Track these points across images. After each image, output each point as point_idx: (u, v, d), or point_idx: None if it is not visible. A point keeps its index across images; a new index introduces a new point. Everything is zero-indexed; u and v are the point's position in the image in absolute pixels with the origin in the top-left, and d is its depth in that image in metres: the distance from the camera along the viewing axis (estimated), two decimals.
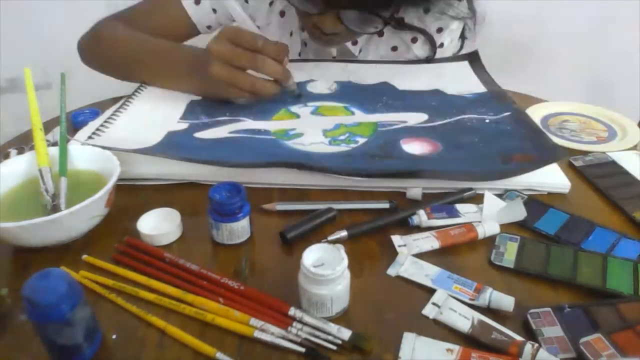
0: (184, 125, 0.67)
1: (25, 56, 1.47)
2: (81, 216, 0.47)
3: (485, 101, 0.73)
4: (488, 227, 0.50)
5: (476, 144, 0.62)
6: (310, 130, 0.66)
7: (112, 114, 0.68)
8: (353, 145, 0.63)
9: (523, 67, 1.62)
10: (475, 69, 0.85)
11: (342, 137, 0.65)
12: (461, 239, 0.49)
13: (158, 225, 0.50)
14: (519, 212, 0.52)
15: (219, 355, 0.38)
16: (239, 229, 0.49)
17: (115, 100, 0.75)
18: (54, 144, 0.56)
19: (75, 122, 0.70)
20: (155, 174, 0.58)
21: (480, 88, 0.78)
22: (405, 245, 0.49)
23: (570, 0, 1.55)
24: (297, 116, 0.70)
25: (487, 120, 0.67)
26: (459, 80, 0.81)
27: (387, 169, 0.57)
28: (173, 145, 0.61)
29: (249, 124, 0.68)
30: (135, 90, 0.76)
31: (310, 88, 0.79)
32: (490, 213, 0.52)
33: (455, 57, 0.89)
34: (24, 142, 0.66)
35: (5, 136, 0.70)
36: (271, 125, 0.68)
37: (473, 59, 0.88)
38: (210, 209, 0.48)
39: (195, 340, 0.39)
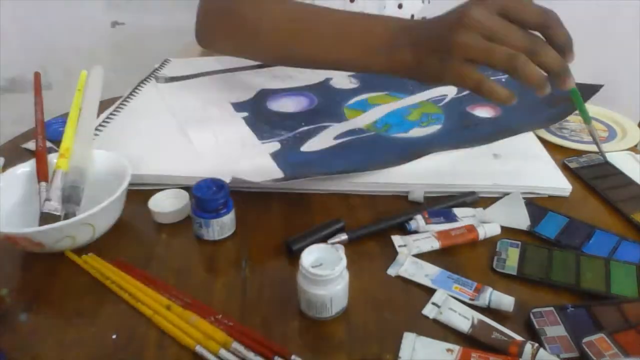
0: (275, 146, 0.62)
1: (25, 56, 1.47)
2: (105, 215, 0.48)
3: None
4: (488, 228, 0.50)
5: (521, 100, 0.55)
6: (392, 119, 0.68)
7: (110, 114, 0.68)
8: (440, 123, 0.67)
9: None
10: None
11: (423, 119, 0.68)
12: (461, 240, 0.49)
13: (169, 204, 0.52)
14: (523, 220, 0.52)
15: (222, 352, 0.38)
16: (228, 222, 0.50)
17: (114, 100, 0.75)
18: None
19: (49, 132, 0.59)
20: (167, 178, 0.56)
21: None
22: (405, 246, 0.49)
23: (570, 0, 1.55)
24: (364, 110, 0.71)
25: (504, 80, 0.67)
26: None
27: (487, 134, 0.62)
28: (301, 165, 0.58)
29: (339, 127, 0.66)
30: (133, 91, 0.76)
31: (336, 86, 0.79)
32: (493, 217, 0.52)
33: None
34: (23, 142, 0.66)
35: (5, 136, 0.70)
36: (355, 123, 0.67)
37: None
38: (195, 209, 0.49)
39: (198, 332, 0.39)
